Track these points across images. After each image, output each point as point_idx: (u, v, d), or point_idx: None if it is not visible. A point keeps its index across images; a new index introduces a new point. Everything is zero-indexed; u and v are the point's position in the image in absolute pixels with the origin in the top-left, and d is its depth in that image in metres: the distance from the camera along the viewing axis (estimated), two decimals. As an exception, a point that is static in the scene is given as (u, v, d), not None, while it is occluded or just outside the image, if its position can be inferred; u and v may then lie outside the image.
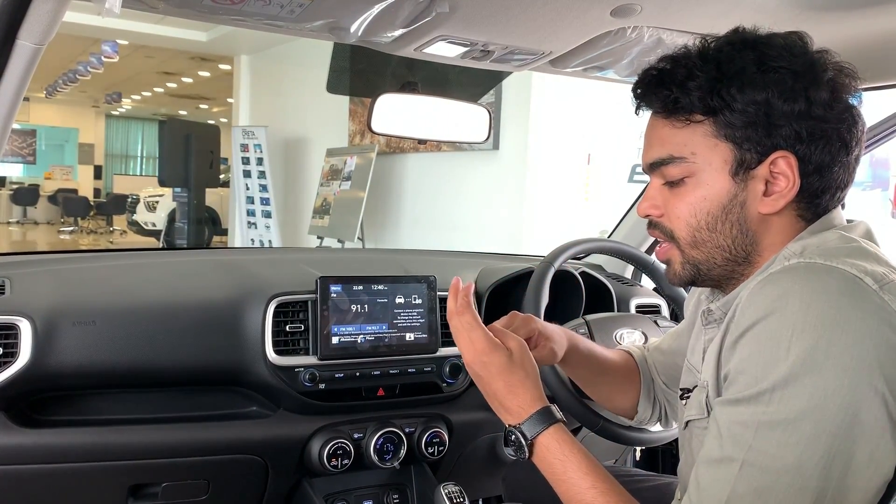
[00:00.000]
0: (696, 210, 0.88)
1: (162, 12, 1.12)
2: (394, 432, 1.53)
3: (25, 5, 0.86)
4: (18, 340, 1.28)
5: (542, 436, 0.92)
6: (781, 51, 0.84)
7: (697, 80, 0.85)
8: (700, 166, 0.87)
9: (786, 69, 0.83)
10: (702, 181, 0.87)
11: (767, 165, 0.85)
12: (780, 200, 0.85)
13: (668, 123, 0.89)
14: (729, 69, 0.84)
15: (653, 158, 0.91)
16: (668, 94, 0.87)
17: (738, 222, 0.87)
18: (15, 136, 17.38)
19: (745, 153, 0.85)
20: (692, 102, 0.85)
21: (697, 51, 0.88)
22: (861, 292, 0.74)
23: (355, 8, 1.09)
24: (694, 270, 0.92)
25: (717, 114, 0.85)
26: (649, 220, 0.95)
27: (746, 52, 0.84)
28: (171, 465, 1.41)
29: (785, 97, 0.82)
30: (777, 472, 0.72)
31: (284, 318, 1.45)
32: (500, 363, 0.97)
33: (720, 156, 0.86)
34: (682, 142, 0.88)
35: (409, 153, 6.64)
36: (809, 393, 0.71)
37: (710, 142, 0.86)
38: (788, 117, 0.83)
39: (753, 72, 0.83)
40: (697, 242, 0.90)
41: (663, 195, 0.92)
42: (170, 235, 10.03)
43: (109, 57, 10.59)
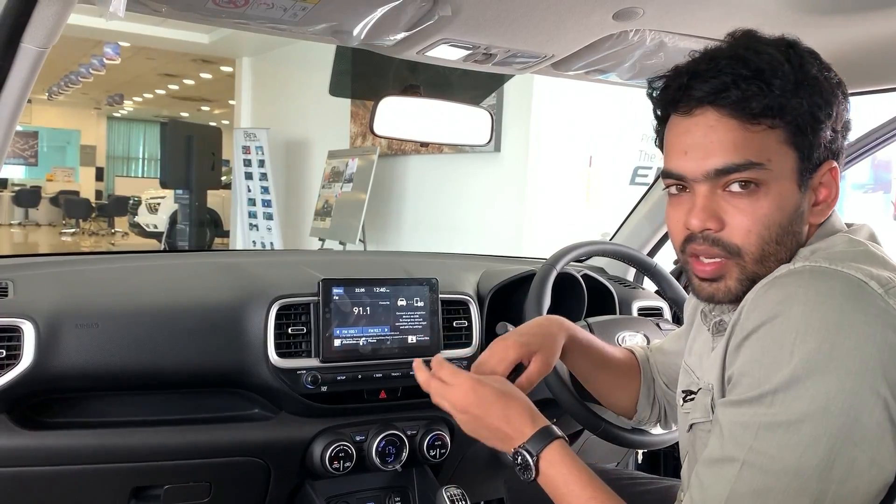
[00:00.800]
0: (770, 221, 0.83)
1: (165, 15, 1.12)
2: (396, 435, 1.53)
3: (30, 9, 0.86)
4: (21, 343, 1.28)
5: (546, 451, 0.93)
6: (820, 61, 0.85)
7: (783, 79, 0.80)
8: (774, 174, 0.82)
9: (836, 83, 0.85)
10: (773, 190, 0.83)
11: (819, 176, 0.85)
12: (826, 210, 0.87)
13: (741, 126, 0.82)
14: (804, 74, 0.81)
15: (722, 164, 0.82)
16: (755, 92, 0.80)
17: (796, 234, 0.85)
18: (17, 137, 17.37)
19: (807, 162, 0.83)
20: (776, 102, 0.80)
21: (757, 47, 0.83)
22: (865, 296, 0.75)
23: (358, 11, 1.09)
24: (749, 286, 0.85)
25: (795, 120, 0.81)
26: (700, 234, 0.86)
27: (807, 58, 0.83)
28: (173, 468, 1.41)
29: (839, 108, 0.84)
30: (776, 473, 0.72)
31: (286, 320, 1.45)
32: (491, 394, 0.98)
33: (789, 163, 0.83)
34: (760, 147, 0.81)
35: (410, 155, 6.65)
36: (811, 396, 0.71)
37: (782, 148, 0.82)
38: (839, 128, 0.85)
39: (821, 80, 0.82)
40: (765, 256, 0.84)
41: (722, 206, 0.84)
42: (171, 237, 10.02)
43: (111, 59, 10.62)
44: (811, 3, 1.10)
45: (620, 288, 1.88)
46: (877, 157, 4.03)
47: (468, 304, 1.64)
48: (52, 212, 16.56)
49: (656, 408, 1.26)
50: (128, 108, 18.52)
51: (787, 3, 1.10)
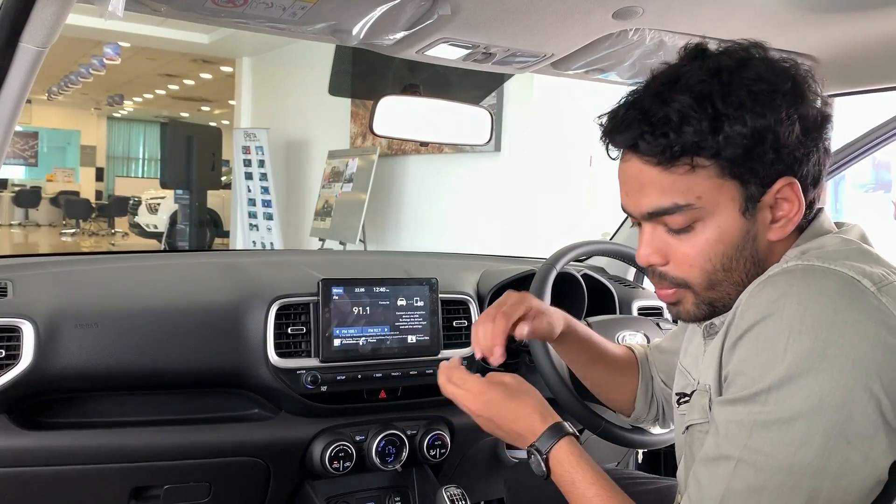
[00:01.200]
0: (710, 254, 0.85)
1: (165, 15, 1.12)
2: (396, 435, 1.53)
3: (28, 8, 0.86)
4: (21, 343, 1.28)
5: (554, 450, 0.94)
6: (762, 71, 0.81)
7: (695, 124, 0.79)
8: (708, 209, 0.83)
9: (775, 92, 0.80)
10: (711, 223, 0.84)
11: (773, 194, 0.83)
12: (788, 225, 0.85)
13: (664, 171, 0.82)
14: (726, 106, 0.79)
15: (652, 207, 0.85)
16: (665, 142, 0.80)
17: (751, 256, 0.85)
18: (17, 138, 17.42)
19: (751, 187, 0.82)
20: (687, 147, 0.80)
21: (679, 88, 0.81)
22: (859, 294, 0.75)
23: (357, 10, 1.09)
24: (710, 308, 0.89)
25: (720, 154, 0.80)
26: (649, 269, 0.91)
27: (735, 82, 0.80)
28: (172, 468, 1.41)
29: (781, 121, 0.80)
30: (771, 470, 0.73)
31: (286, 320, 1.45)
32: (500, 396, 1.00)
33: (727, 194, 0.82)
34: (685, 188, 0.82)
35: (410, 155, 6.65)
36: (805, 394, 0.72)
37: (715, 182, 0.82)
38: (787, 141, 0.81)
39: (751, 104, 0.79)
40: (713, 284, 0.87)
41: (665, 241, 0.87)
42: (171, 237, 10.02)
43: (111, 59, 10.61)
44: (810, 2, 1.10)
45: (620, 287, 1.88)
46: (877, 156, 4.02)
47: (468, 304, 1.64)
48: (52, 212, 16.56)
49: (654, 406, 1.26)
50: (128, 108, 18.52)
51: (786, 2, 1.10)
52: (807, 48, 1.29)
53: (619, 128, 0.85)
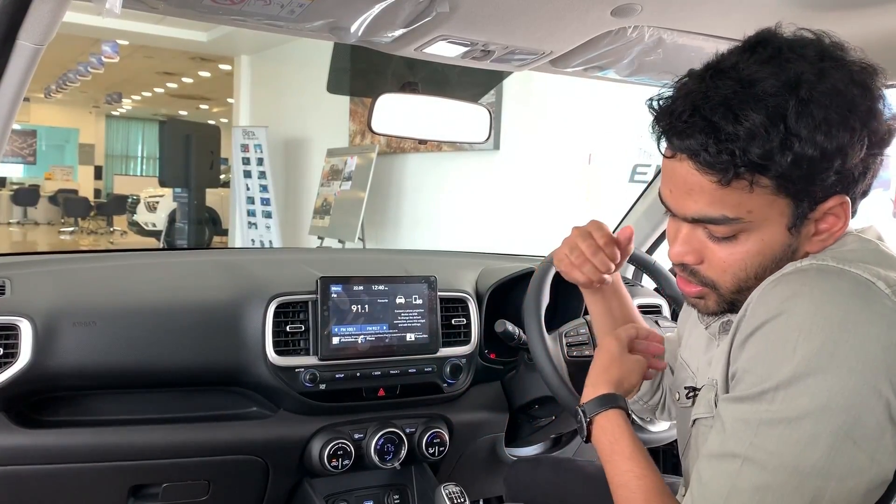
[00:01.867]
0: (748, 263, 0.83)
1: (162, 12, 1.11)
2: (394, 433, 1.53)
3: (25, 6, 0.86)
4: (19, 341, 1.28)
5: (600, 417, 0.96)
6: (840, 85, 0.75)
7: (765, 145, 0.74)
8: (756, 223, 0.80)
9: (850, 111, 0.75)
10: (755, 236, 0.81)
11: (823, 210, 0.80)
12: (829, 240, 0.82)
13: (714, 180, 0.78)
14: (800, 127, 0.73)
15: (699, 215, 0.82)
16: (729, 161, 0.75)
17: (782, 264, 0.83)
18: (15, 136, 17.39)
19: (803, 204, 0.79)
20: (758, 167, 0.75)
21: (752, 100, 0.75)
22: (872, 296, 0.74)
23: (355, 8, 1.09)
24: (730, 307, 0.88)
25: (781, 174, 0.75)
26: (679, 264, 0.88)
27: (813, 99, 0.74)
28: (171, 466, 1.41)
29: (853, 142, 0.75)
30: (776, 469, 0.73)
31: (285, 318, 1.45)
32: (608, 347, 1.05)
33: (778, 210, 0.79)
34: (738, 202, 0.79)
35: (409, 153, 6.64)
36: (812, 393, 0.71)
37: (769, 199, 0.78)
38: (853, 162, 0.76)
39: (826, 125, 0.73)
40: (742, 289, 0.85)
41: (703, 244, 0.85)
42: (170, 236, 10.02)
43: (110, 57, 10.59)
44: (810, 0, 1.10)
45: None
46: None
47: (467, 302, 1.63)
48: (50, 210, 16.53)
49: (659, 393, 1.26)
50: (126, 106, 18.49)
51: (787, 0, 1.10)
52: (806, 46, 1.28)
53: (681, 133, 0.79)
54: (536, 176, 5.24)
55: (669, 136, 0.81)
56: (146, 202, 11.70)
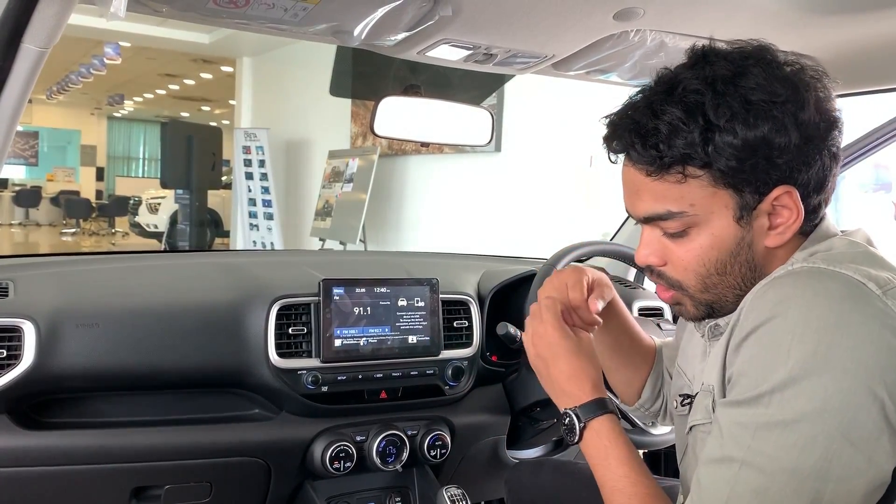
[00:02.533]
0: (704, 259, 0.86)
1: (166, 16, 1.12)
2: (396, 435, 1.53)
3: (30, 9, 0.86)
4: (21, 343, 1.28)
5: (594, 421, 0.94)
6: (762, 80, 0.80)
7: (686, 137, 0.80)
8: (702, 216, 0.84)
9: (772, 102, 0.79)
10: (705, 230, 0.85)
11: (770, 202, 0.82)
12: (786, 232, 0.84)
13: (658, 180, 0.84)
14: (718, 117, 0.79)
15: (647, 213, 0.87)
16: (656, 154, 0.82)
17: (746, 261, 0.86)
18: (17, 137, 17.33)
19: (746, 195, 0.82)
20: (679, 157, 0.80)
21: (673, 98, 0.81)
22: (864, 297, 0.75)
23: (358, 11, 1.09)
24: (708, 310, 0.91)
25: (711, 165, 0.80)
26: (649, 268, 0.92)
27: (730, 93, 0.79)
28: (173, 468, 1.41)
29: (778, 131, 0.79)
30: (774, 472, 0.73)
31: (287, 320, 1.45)
32: (567, 348, 0.98)
33: (721, 202, 0.83)
34: (679, 195, 0.83)
35: (411, 155, 6.65)
36: (808, 396, 0.72)
37: (709, 191, 0.82)
38: (784, 151, 0.80)
39: (744, 114, 0.78)
40: (708, 287, 0.88)
41: (663, 244, 0.89)
42: (172, 237, 10.02)
43: (112, 59, 10.61)
44: (812, 3, 1.10)
45: (621, 288, 1.88)
46: (877, 158, 4.02)
47: (469, 305, 1.64)
48: (52, 212, 16.55)
49: (660, 400, 1.26)
50: (128, 108, 18.52)
51: (788, 3, 1.10)
52: (809, 49, 1.29)
53: (613, 135, 0.87)
54: (538, 178, 5.25)
55: (608, 141, 0.88)
56: (148, 204, 11.70)
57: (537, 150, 5.24)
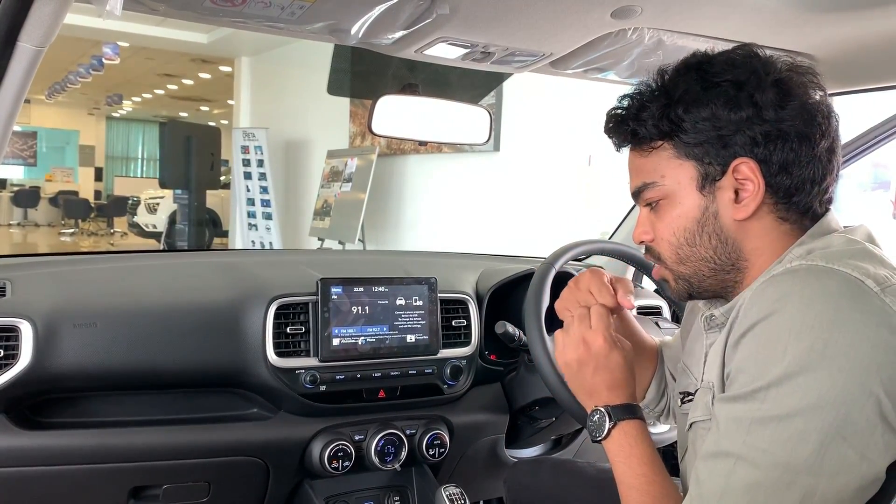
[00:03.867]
0: (675, 228, 0.92)
1: (163, 14, 1.12)
2: (395, 434, 1.53)
3: (26, 8, 0.86)
4: (19, 342, 1.28)
5: (625, 422, 0.95)
6: (723, 65, 0.88)
7: (649, 110, 0.90)
8: (671, 187, 0.92)
9: (728, 81, 0.87)
10: (674, 201, 0.92)
11: (731, 174, 0.88)
12: (750, 204, 0.88)
13: (637, 154, 0.95)
14: (675, 93, 0.89)
15: (633, 188, 0.97)
16: (626, 128, 0.94)
17: (714, 233, 0.90)
18: (16, 137, 17.39)
19: (708, 167, 0.89)
20: (649, 131, 0.91)
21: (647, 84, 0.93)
22: (861, 294, 0.76)
23: (356, 10, 1.09)
24: (686, 285, 0.96)
25: (672, 137, 0.90)
26: (646, 247, 0.99)
27: (690, 74, 0.89)
28: (171, 467, 1.41)
29: (730, 107, 0.86)
30: (768, 467, 0.74)
31: (285, 319, 1.45)
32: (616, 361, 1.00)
33: (686, 174, 0.90)
34: (652, 167, 0.93)
35: (409, 155, 6.65)
36: (803, 392, 0.73)
37: (675, 163, 0.91)
38: (738, 125, 0.86)
39: (697, 91, 0.87)
40: (682, 259, 0.94)
41: (650, 220, 0.96)
42: (170, 237, 10.02)
43: (110, 59, 10.60)
44: (808, 1, 1.10)
45: (619, 287, 1.87)
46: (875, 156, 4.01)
47: (467, 304, 1.64)
48: (51, 212, 16.54)
49: (664, 400, 1.26)
50: (127, 107, 18.50)
51: (785, 1, 1.10)
52: (805, 47, 1.29)
53: (607, 123, 0.98)
54: (536, 177, 5.25)
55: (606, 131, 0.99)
56: (146, 204, 11.70)
57: (536, 149, 5.24)
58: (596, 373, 0.99)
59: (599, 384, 0.99)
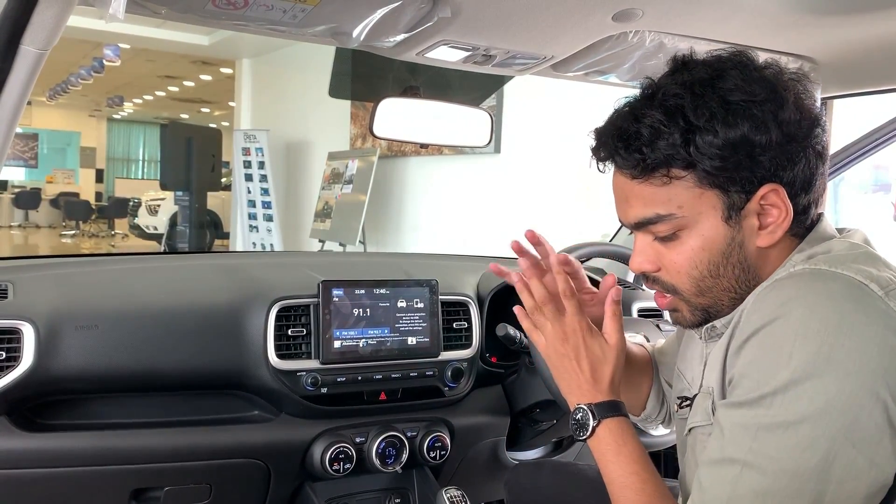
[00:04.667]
0: (696, 261, 0.86)
1: (165, 17, 1.12)
2: (396, 436, 1.53)
3: (29, 11, 0.86)
4: (21, 344, 1.28)
5: (608, 420, 0.93)
6: (739, 81, 0.81)
7: (667, 138, 0.81)
8: (690, 218, 0.84)
9: (751, 101, 0.80)
10: (695, 232, 0.85)
11: (757, 201, 0.83)
12: (777, 231, 0.84)
13: (643, 182, 0.85)
14: (698, 118, 0.80)
15: (637, 218, 0.88)
16: (639, 157, 0.83)
17: (739, 262, 0.86)
18: (17, 139, 17.38)
19: (733, 195, 0.83)
20: (663, 160, 0.82)
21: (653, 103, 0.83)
22: (866, 298, 0.75)
23: (357, 13, 1.09)
24: (704, 314, 0.91)
25: (695, 166, 0.81)
26: (644, 275, 0.93)
27: (708, 94, 0.81)
28: (173, 469, 1.41)
29: (758, 130, 0.80)
30: (775, 474, 0.73)
31: (286, 321, 1.45)
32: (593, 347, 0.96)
33: (708, 203, 0.83)
34: (666, 198, 0.84)
35: (410, 157, 6.65)
36: (810, 397, 0.72)
37: (695, 192, 0.83)
38: (766, 149, 0.80)
39: (723, 114, 0.80)
40: (703, 291, 0.88)
41: (655, 249, 0.89)
42: (171, 239, 10.02)
43: (111, 61, 10.61)
44: (810, 4, 1.10)
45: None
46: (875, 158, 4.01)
47: (468, 306, 1.64)
48: (52, 213, 16.54)
49: (665, 407, 1.26)
50: (128, 109, 18.51)
51: (786, 4, 1.10)
52: (805, 50, 1.29)
53: (598, 143, 0.89)
54: (537, 179, 5.25)
55: (595, 151, 0.89)
56: (147, 205, 11.69)
57: (537, 151, 5.24)
58: (578, 361, 0.95)
59: (581, 377, 0.95)
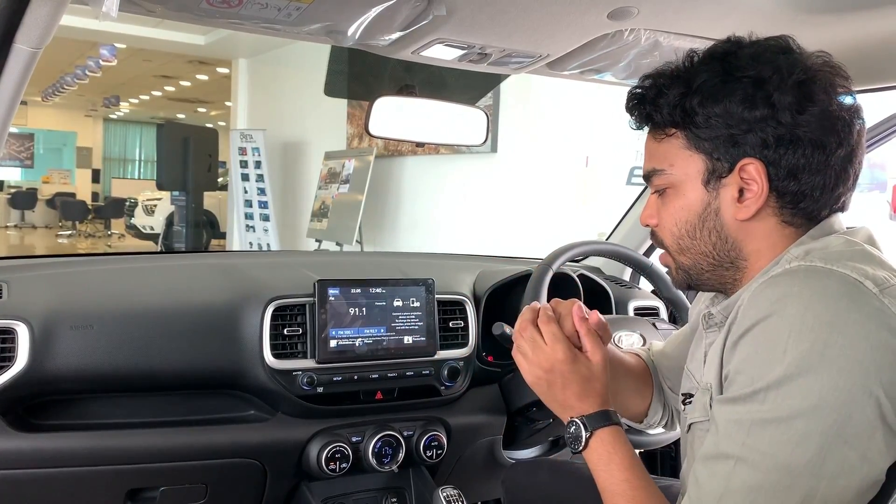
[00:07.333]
0: (677, 219, 0.93)
1: (159, 16, 1.12)
2: (392, 436, 1.53)
3: (22, 9, 0.86)
4: (15, 345, 1.28)
5: (600, 430, 0.94)
6: (748, 59, 0.85)
7: (666, 97, 0.89)
8: (678, 177, 0.91)
9: (749, 77, 0.84)
10: (679, 191, 0.92)
11: (738, 173, 0.87)
12: (752, 206, 0.87)
13: (652, 138, 0.94)
14: (694, 83, 0.87)
15: (644, 170, 0.96)
16: (642, 110, 0.93)
17: (714, 229, 0.90)
18: (13, 139, 17.38)
19: (716, 162, 0.88)
20: (664, 117, 0.90)
21: (675, 67, 0.91)
22: (860, 296, 0.75)
23: (352, 11, 1.09)
24: (686, 275, 0.96)
25: (685, 127, 0.88)
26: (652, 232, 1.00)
27: (713, 65, 0.87)
28: (168, 470, 1.41)
29: (746, 105, 0.84)
30: (768, 469, 0.73)
31: (282, 321, 1.44)
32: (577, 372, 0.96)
33: (694, 166, 0.89)
34: (663, 154, 0.92)
35: (407, 156, 6.65)
36: (803, 393, 0.72)
37: (685, 153, 0.90)
38: (751, 124, 0.84)
39: (715, 84, 0.86)
40: (682, 249, 0.94)
41: (657, 205, 0.96)
42: (168, 239, 10.01)
43: (107, 60, 10.60)
44: (807, 2, 1.10)
45: (617, 288, 1.88)
46: (871, 157, 4.01)
47: (464, 305, 1.63)
48: (48, 214, 16.51)
49: (666, 410, 1.25)
50: (124, 109, 18.48)
51: (783, 2, 1.10)
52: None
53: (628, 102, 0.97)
54: (534, 178, 5.25)
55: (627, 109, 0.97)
56: (144, 205, 11.68)
57: (533, 150, 5.24)
58: (565, 387, 0.96)
59: (570, 397, 0.96)
